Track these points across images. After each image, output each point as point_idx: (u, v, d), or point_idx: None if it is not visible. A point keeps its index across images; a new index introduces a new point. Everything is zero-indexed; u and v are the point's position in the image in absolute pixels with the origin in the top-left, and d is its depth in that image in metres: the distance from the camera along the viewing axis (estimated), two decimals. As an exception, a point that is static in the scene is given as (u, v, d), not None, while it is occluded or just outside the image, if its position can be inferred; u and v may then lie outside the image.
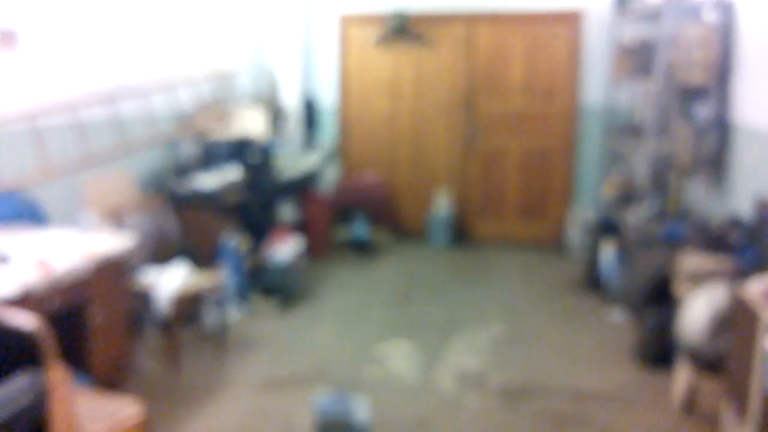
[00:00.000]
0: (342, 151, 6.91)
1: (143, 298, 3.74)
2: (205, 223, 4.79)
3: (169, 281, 3.76)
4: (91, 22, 4.10)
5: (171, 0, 5.03)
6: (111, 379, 3.22)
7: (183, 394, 3.51)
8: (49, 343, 2.02)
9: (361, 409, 2.63)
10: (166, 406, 3.35)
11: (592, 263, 5.38)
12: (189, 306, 4.04)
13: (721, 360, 3.28)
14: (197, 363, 3.90)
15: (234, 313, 4.61)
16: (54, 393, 2.02)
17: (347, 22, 6.74)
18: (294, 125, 6.48)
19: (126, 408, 2.43)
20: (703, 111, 4.69)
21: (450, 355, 4.09)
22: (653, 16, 5.09)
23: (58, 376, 2.04)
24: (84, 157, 3.88)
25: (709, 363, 3.36)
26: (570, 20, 6.33)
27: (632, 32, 5.77)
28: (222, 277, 4.22)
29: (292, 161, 6.13)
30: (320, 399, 2.68)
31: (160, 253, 4.35)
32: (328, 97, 6.87)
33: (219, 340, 4.18)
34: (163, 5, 4.94)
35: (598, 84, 6.29)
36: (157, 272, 3.90)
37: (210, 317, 4.34)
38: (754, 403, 2.78)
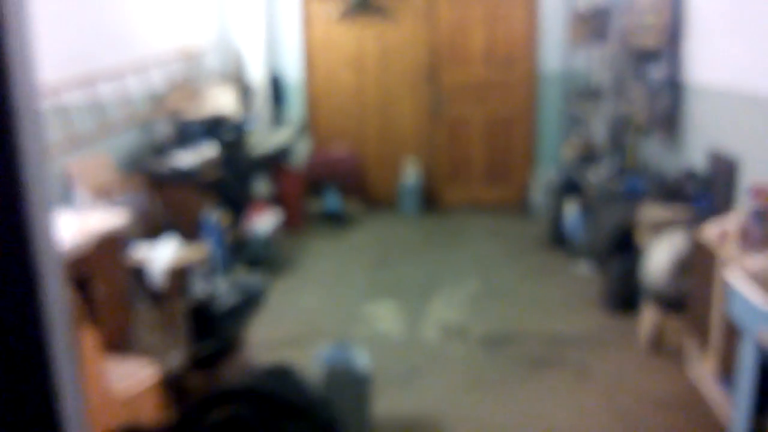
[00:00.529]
0: (311, 125, 7.02)
1: (137, 273, 3.85)
2: (185, 200, 4.88)
3: (161, 255, 3.87)
4: (69, 5, 4.13)
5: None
6: (116, 349, 3.34)
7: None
8: (79, 308, 2.16)
9: (361, 358, 2.82)
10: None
11: (557, 221, 5.65)
12: (179, 279, 4.16)
13: (683, 299, 3.56)
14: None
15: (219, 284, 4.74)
16: (86, 354, 2.15)
17: (309, -3, 6.81)
18: (262, 101, 6.57)
19: (142, 369, 2.58)
20: (657, 72, 4.94)
21: (431, 311, 4.31)
22: (606, -17, 5.31)
23: (89, 339, 2.17)
24: (67, 139, 3.94)
25: (673, 303, 3.65)
26: (526, -11, 6.52)
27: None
28: (208, 249, 4.34)
29: (264, 137, 6.23)
30: (323, 350, 2.86)
31: (146, 229, 4.44)
32: (294, 73, 6.95)
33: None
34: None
35: (555, 51, 6.51)
36: (148, 247, 4.00)
37: (198, 288, 4.46)
38: (715, 334, 3.06)
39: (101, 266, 3.23)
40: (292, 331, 4.04)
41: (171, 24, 5.57)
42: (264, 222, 5.29)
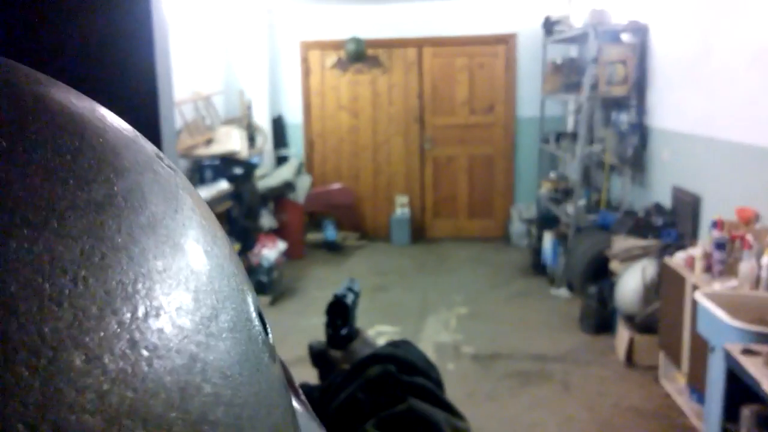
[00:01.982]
0: (311, 163, 7.18)
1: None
2: (200, 231, 4.99)
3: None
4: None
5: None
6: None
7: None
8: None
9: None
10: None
11: (536, 251, 5.82)
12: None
13: (654, 320, 3.73)
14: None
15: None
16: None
17: (308, 46, 7.02)
18: (265, 141, 6.72)
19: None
20: (625, 117, 5.19)
21: (426, 332, 4.43)
22: (578, 37, 5.57)
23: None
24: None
25: (644, 323, 3.81)
26: (505, 42, 6.79)
27: (560, 51, 6.25)
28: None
29: (268, 174, 6.37)
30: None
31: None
32: (294, 115, 7.13)
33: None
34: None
35: (532, 97, 6.75)
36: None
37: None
38: (686, 350, 3.22)
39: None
40: (298, 353, 4.13)
41: (182, 69, 5.71)
42: (269, 251, 5.39)
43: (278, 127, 7.03)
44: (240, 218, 5.49)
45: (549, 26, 6.31)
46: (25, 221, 0.17)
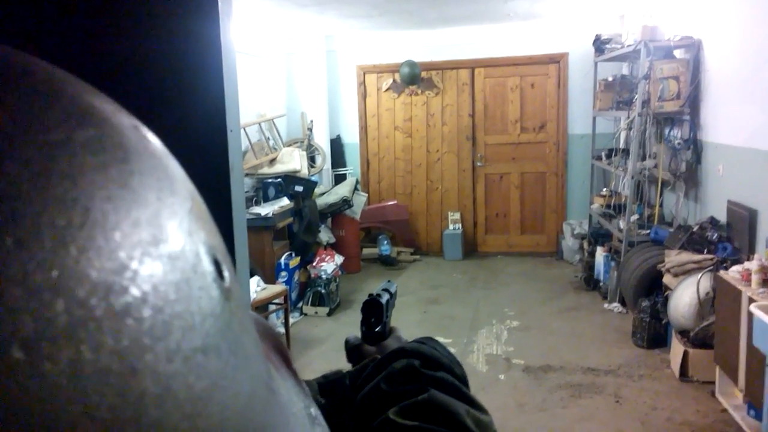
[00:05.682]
0: (366, 181, 7.22)
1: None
2: (262, 244, 5.07)
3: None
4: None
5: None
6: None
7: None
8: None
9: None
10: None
11: (588, 266, 5.66)
12: (259, 312, 4.30)
13: (709, 334, 3.56)
14: (268, 359, 4.15)
15: (291, 318, 4.87)
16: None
17: (364, 70, 7.10)
18: (324, 160, 6.80)
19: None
20: (678, 132, 5.01)
21: (478, 344, 4.36)
22: (629, 55, 5.44)
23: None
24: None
25: (699, 338, 3.64)
26: (556, 61, 6.69)
27: (611, 69, 6.12)
28: (285, 288, 4.49)
29: (327, 191, 6.44)
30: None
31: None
32: (351, 135, 7.20)
33: (284, 339, 4.45)
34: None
35: (583, 114, 6.61)
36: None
37: (273, 321, 4.60)
38: (742, 364, 3.05)
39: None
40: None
41: (248, 94, 5.86)
42: (326, 264, 5.43)
43: (336, 146, 7.12)
44: (300, 233, 5.55)
45: (600, 44, 6.20)
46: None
